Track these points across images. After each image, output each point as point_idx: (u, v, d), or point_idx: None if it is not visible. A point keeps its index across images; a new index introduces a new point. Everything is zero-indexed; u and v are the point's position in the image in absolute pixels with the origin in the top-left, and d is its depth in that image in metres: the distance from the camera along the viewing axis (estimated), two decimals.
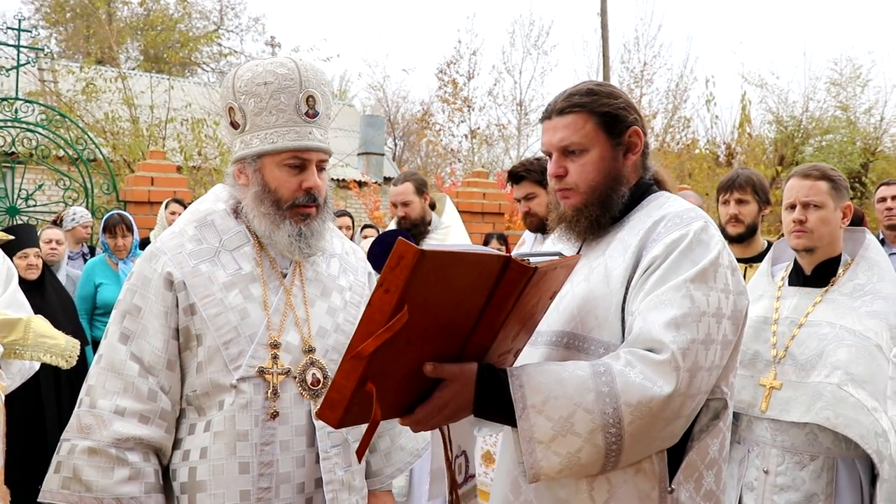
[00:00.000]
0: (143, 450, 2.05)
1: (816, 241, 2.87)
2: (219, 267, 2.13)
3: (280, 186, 2.15)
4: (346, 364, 1.46)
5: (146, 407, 2.05)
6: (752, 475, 2.89)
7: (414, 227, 4.80)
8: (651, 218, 1.92)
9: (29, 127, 9.50)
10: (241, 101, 2.14)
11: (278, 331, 2.13)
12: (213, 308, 2.09)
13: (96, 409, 2.04)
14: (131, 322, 2.10)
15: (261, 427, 2.07)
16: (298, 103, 2.13)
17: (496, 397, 1.67)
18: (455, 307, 1.54)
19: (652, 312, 1.73)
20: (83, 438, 2.03)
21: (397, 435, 2.48)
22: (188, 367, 2.12)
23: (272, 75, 2.11)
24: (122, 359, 2.07)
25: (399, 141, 28.64)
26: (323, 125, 2.20)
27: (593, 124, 1.94)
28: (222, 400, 2.08)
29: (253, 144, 2.16)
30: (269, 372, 2.09)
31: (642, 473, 1.79)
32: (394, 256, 1.38)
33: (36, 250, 5.20)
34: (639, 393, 1.64)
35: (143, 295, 2.11)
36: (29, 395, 4.75)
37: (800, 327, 2.86)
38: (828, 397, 2.67)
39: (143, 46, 24.97)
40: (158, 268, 2.11)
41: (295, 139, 2.13)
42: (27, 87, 12.37)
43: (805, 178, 2.88)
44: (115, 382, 2.06)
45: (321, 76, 2.20)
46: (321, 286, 2.27)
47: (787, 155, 15.60)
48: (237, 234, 2.20)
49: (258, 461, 2.06)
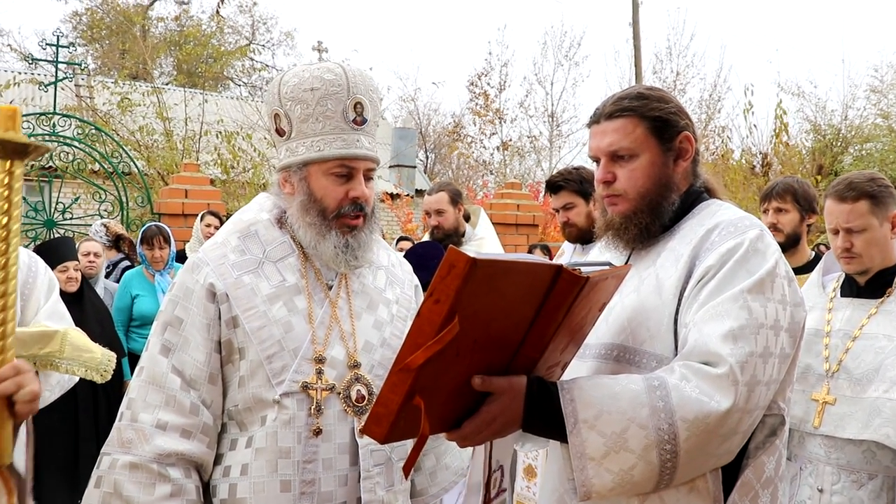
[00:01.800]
0: (185, 465, 2.00)
1: (867, 263, 2.78)
2: (262, 278, 2.09)
3: (326, 195, 2.09)
4: (394, 377, 1.42)
5: (188, 421, 2.01)
6: (806, 494, 2.79)
7: (447, 237, 4.77)
8: (704, 226, 1.86)
9: (66, 141, 9.64)
10: (286, 107, 2.09)
11: (323, 345, 2.08)
12: (257, 321, 2.04)
13: (137, 422, 2.00)
14: (172, 334, 2.06)
15: (303, 444, 2.02)
16: (346, 110, 2.08)
17: (546, 412, 1.62)
18: (505, 318, 1.50)
19: (707, 324, 1.68)
20: (124, 453, 1.98)
21: (443, 453, 2.43)
22: (230, 381, 2.08)
23: (319, 81, 2.06)
24: (164, 371, 2.03)
25: (430, 153, 28.72)
26: (371, 133, 2.15)
27: (643, 129, 1.89)
28: (265, 415, 2.03)
29: (299, 152, 2.10)
30: (314, 387, 2.04)
31: (696, 492, 1.73)
32: (444, 265, 1.33)
33: (75, 263, 5.27)
34: (695, 408, 1.59)
35: (185, 307, 2.07)
36: (66, 407, 4.79)
37: (854, 340, 2.76)
38: (887, 414, 2.57)
39: (176, 61, 25.39)
40: (201, 279, 2.07)
41: (342, 147, 2.08)
42: (64, 102, 12.60)
43: (842, 201, 2.76)
44: (157, 396, 2.01)
45: (369, 82, 2.15)
46: (368, 299, 2.22)
47: (825, 164, 15.37)
48: (281, 245, 2.15)
49: (300, 479, 2.01)
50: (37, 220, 9.52)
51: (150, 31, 24.50)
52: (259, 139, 13.10)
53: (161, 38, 24.86)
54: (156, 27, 25.67)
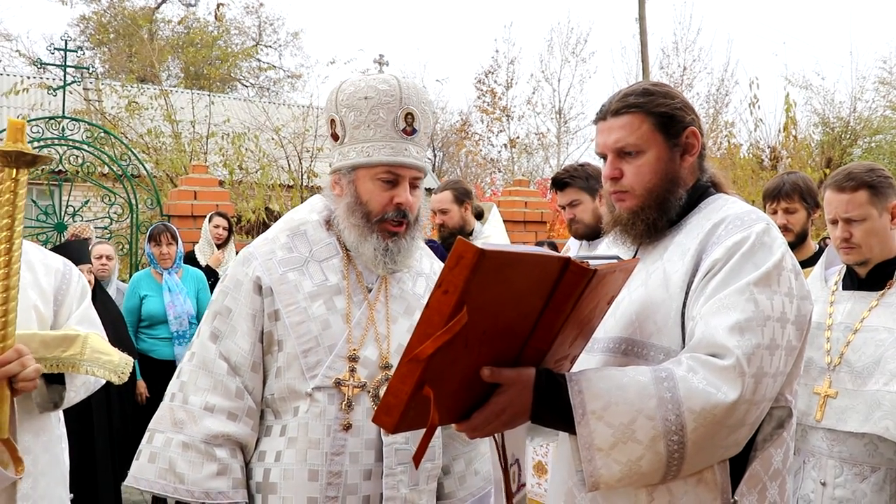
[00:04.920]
0: (231, 446, 2.14)
1: (866, 253, 2.79)
2: (306, 276, 2.20)
3: (371, 199, 2.19)
4: (404, 367, 1.43)
5: (234, 404, 2.15)
6: (809, 487, 2.79)
7: (452, 235, 4.80)
8: (710, 220, 1.87)
9: (75, 144, 9.69)
10: (342, 113, 2.20)
11: (358, 344, 2.18)
12: (297, 316, 2.15)
13: (188, 404, 2.15)
14: (221, 322, 2.20)
15: (332, 437, 2.12)
16: (397, 120, 2.18)
17: (554, 403, 1.64)
18: (514, 309, 1.51)
19: (714, 317, 1.69)
20: (177, 432, 2.13)
21: (473, 459, 2.48)
22: (269, 370, 2.20)
23: (373, 90, 2.17)
24: (212, 357, 2.18)
25: (438, 152, 28.70)
26: (420, 143, 2.24)
27: (649, 125, 1.90)
28: (297, 406, 2.15)
29: (349, 156, 2.21)
30: (346, 384, 2.15)
31: (704, 484, 1.74)
32: (453, 256, 1.35)
33: (88, 266, 5.30)
34: (702, 399, 1.60)
35: (234, 297, 2.21)
36: (81, 408, 4.83)
37: (855, 333, 2.76)
38: (887, 406, 2.57)
39: (183, 63, 25.42)
40: (250, 272, 2.20)
41: (390, 154, 2.17)
42: (73, 105, 12.64)
43: (841, 191, 2.76)
44: (206, 380, 2.16)
45: (423, 95, 2.24)
46: (405, 304, 2.30)
47: (834, 157, 15.28)
48: (327, 246, 2.27)
49: (327, 470, 2.11)
50: (47, 223, 9.58)
51: (157, 33, 24.54)
52: (266, 140, 13.12)
53: (168, 41, 24.91)
54: (162, 30, 25.73)
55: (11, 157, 2.09)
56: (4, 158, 2.09)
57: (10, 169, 2.11)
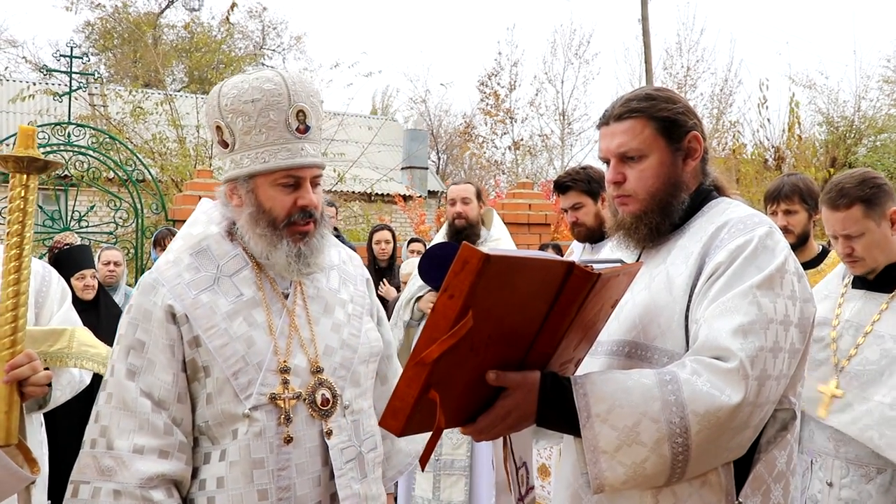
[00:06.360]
0: (167, 486, 2.01)
1: (871, 264, 2.78)
2: (220, 295, 2.09)
3: (275, 206, 2.09)
4: (409, 371, 1.45)
5: (164, 442, 2.01)
6: (816, 487, 2.79)
7: (470, 226, 4.82)
8: (713, 224, 1.89)
9: (81, 150, 9.72)
10: (228, 119, 2.09)
11: (285, 355, 2.10)
12: (219, 339, 2.05)
13: (114, 449, 2.00)
14: (136, 357, 2.05)
15: (276, 453, 2.04)
16: (288, 119, 2.08)
17: (560, 406, 1.65)
18: (518, 314, 1.53)
19: (718, 320, 1.70)
20: (106, 480, 1.98)
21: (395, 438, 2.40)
22: (197, 399, 2.08)
23: (259, 91, 2.05)
24: (133, 396, 2.03)
25: (442, 154, 28.74)
26: (315, 139, 2.15)
27: (652, 130, 1.91)
28: (235, 429, 2.04)
29: (244, 164, 2.10)
30: (281, 398, 2.05)
31: (708, 486, 1.75)
32: (458, 261, 1.37)
33: (92, 271, 5.32)
34: (706, 402, 1.61)
35: (145, 329, 2.07)
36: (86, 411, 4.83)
37: (865, 336, 2.75)
38: (875, 416, 2.58)
39: (187, 68, 25.47)
40: (159, 300, 2.07)
41: (287, 157, 2.07)
42: (78, 111, 12.67)
43: (835, 209, 2.74)
44: (129, 421, 2.01)
45: (310, 88, 2.14)
46: (323, 303, 2.23)
47: (839, 157, 15.27)
48: (234, 258, 2.16)
49: (276, 486, 2.03)
50: (53, 228, 9.60)
51: (161, 38, 24.59)
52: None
53: (172, 46, 24.96)
54: (167, 35, 25.79)
55: (23, 164, 2.07)
56: (17, 164, 2.07)
57: (20, 175, 2.09)
